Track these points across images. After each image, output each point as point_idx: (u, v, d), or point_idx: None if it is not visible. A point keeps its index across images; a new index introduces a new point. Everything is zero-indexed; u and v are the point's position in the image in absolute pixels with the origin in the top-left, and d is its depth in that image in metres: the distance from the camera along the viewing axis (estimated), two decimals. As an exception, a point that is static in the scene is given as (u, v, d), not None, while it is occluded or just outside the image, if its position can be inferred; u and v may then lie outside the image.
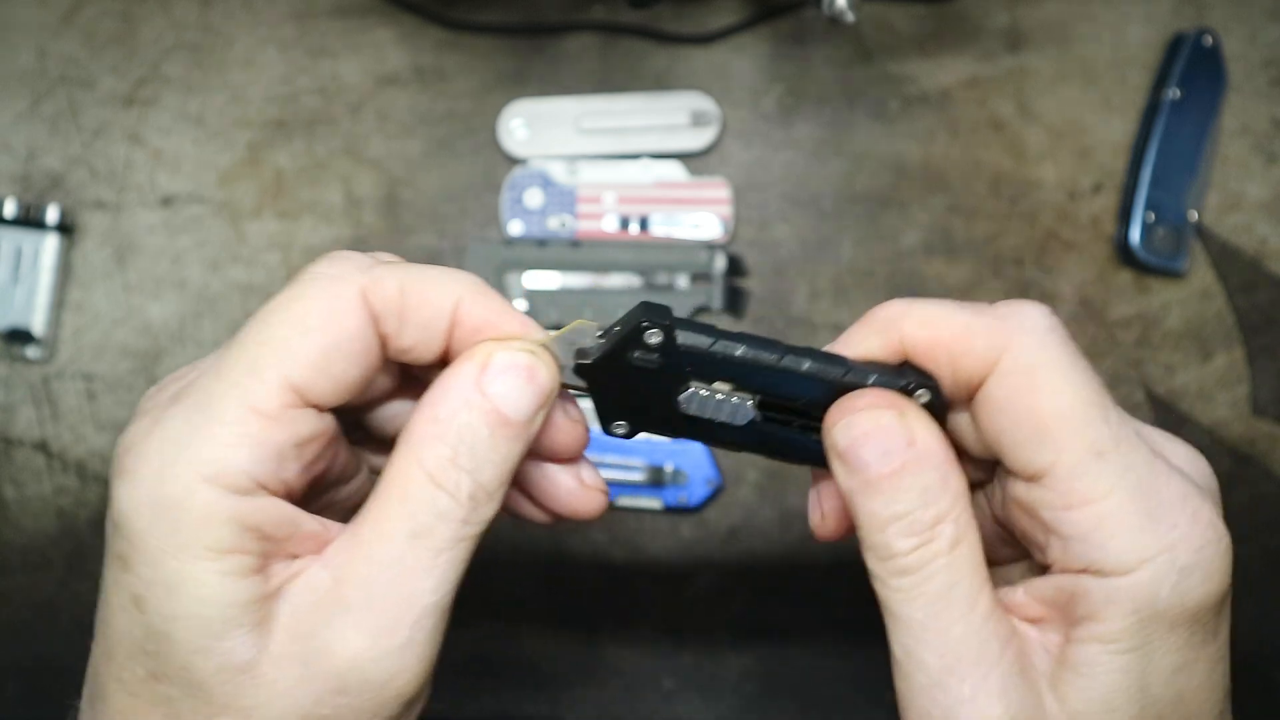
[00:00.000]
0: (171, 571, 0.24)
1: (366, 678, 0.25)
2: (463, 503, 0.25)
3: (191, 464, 0.24)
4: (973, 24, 0.52)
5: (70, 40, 0.53)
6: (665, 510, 0.52)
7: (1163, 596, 0.24)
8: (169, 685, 0.24)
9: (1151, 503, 0.25)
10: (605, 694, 0.52)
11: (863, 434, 0.26)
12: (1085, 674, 0.25)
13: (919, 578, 0.26)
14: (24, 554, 0.52)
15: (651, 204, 0.51)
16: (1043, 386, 0.25)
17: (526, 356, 0.26)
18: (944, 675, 0.25)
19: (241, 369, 0.25)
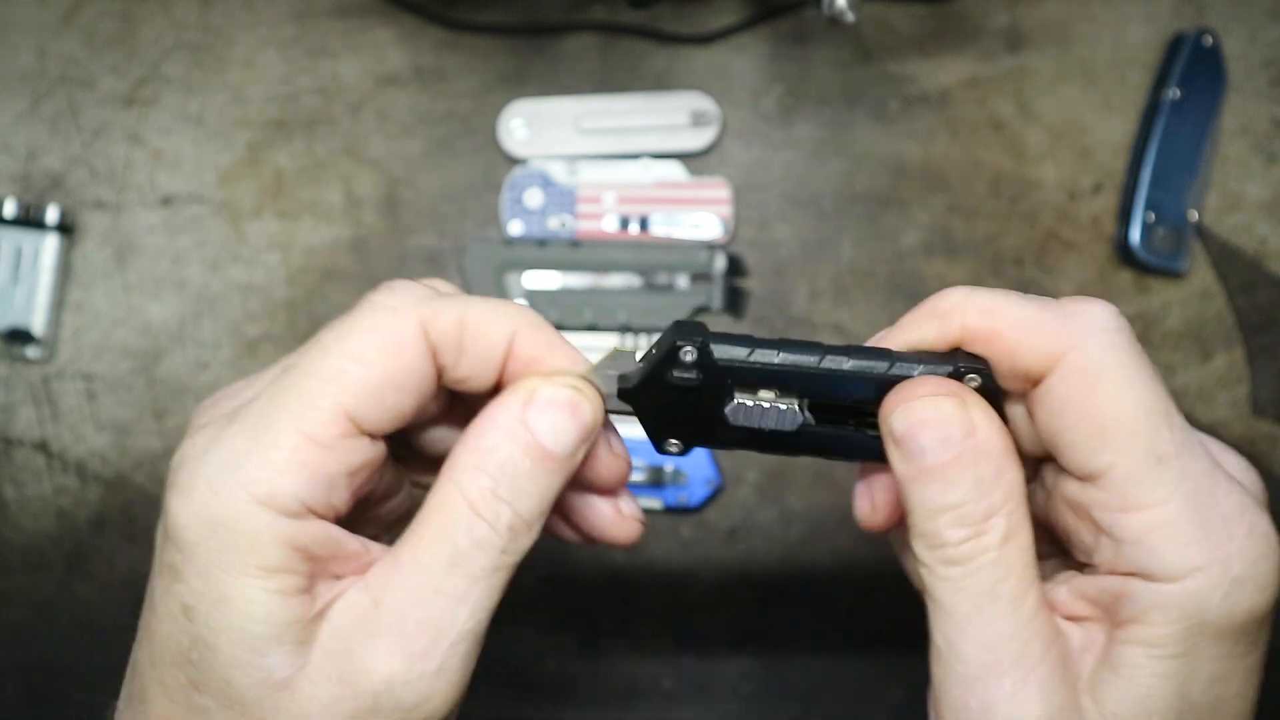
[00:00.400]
0: (222, 586, 0.24)
1: (399, 700, 0.25)
2: (502, 533, 0.26)
3: (245, 485, 0.24)
4: (973, 24, 0.52)
5: (70, 40, 0.53)
6: (665, 510, 0.52)
7: (1213, 606, 0.24)
8: (207, 696, 0.25)
9: (1209, 512, 0.25)
10: (605, 694, 0.52)
11: (921, 421, 0.26)
12: (1126, 676, 0.25)
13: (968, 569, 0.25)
14: (24, 554, 0.52)
15: (651, 204, 0.51)
16: (1108, 388, 0.25)
17: (570, 393, 0.26)
18: (985, 670, 0.25)
19: (299, 396, 0.25)
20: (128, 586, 0.52)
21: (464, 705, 0.51)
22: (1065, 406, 0.25)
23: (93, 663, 0.52)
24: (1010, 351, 0.26)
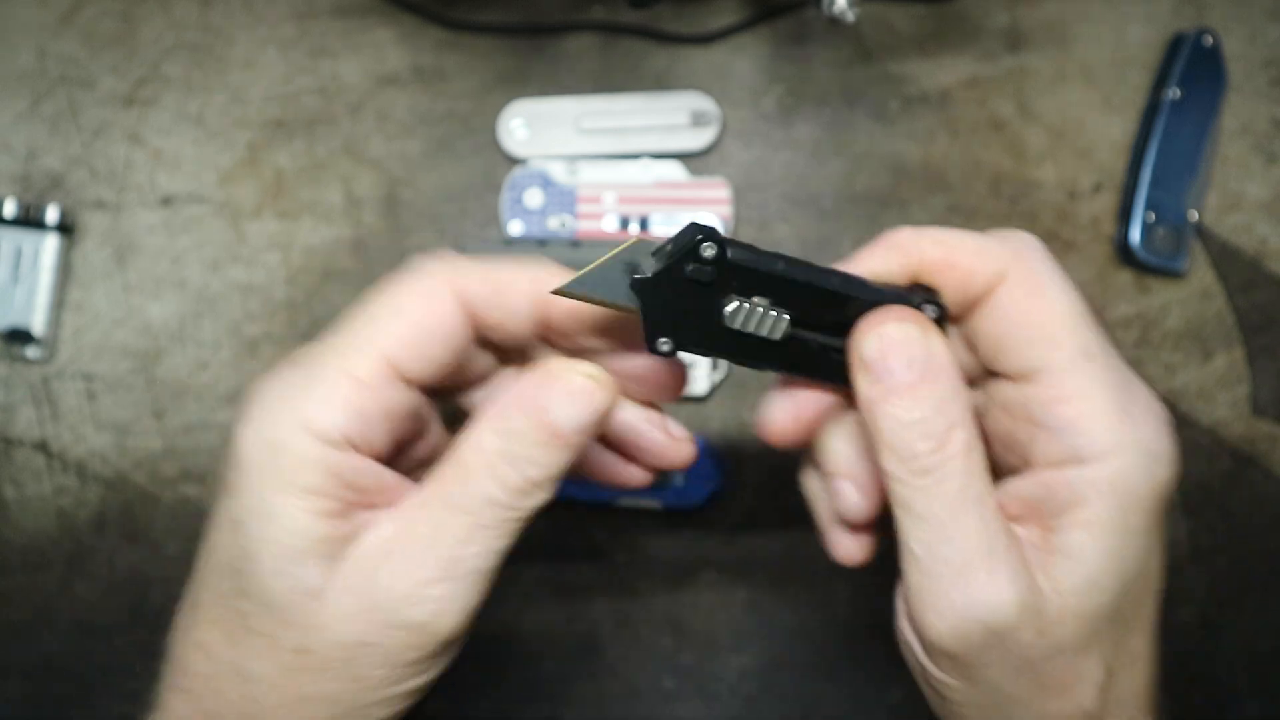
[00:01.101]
0: (268, 502, 0.28)
1: (408, 617, 0.29)
2: (509, 493, 0.29)
3: (295, 414, 0.28)
4: (973, 24, 0.52)
5: (70, 40, 0.53)
6: (665, 510, 0.52)
7: (1136, 480, 0.28)
8: (247, 601, 0.29)
9: (1126, 401, 0.28)
10: (605, 694, 0.52)
11: (891, 344, 0.29)
12: (1074, 557, 0.28)
13: (938, 477, 0.28)
14: (24, 554, 0.52)
15: (651, 204, 0.51)
16: (1048, 294, 0.29)
17: (585, 380, 0.29)
18: (965, 567, 0.28)
19: (346, 342, 0.29)
20: (128, 586, 0.52)
21: (464, 705, 0.51)
22: (1010, 313, 0.29)
23: (93, 663, 0.52)
24: (965, 274, 0.30)
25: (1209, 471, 0.52)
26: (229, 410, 0.52)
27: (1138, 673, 0.30)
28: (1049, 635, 0.28)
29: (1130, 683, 0.30)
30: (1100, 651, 0.29)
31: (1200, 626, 0.52)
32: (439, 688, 0.54)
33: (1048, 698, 0.29)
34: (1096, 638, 0.29)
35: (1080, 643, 0.29)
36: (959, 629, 0.28)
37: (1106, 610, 0.29)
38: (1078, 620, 0.28)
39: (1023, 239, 0.30)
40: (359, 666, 0.29)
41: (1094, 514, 0.28)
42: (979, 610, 0.28)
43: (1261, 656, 0.52)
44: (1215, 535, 0.52)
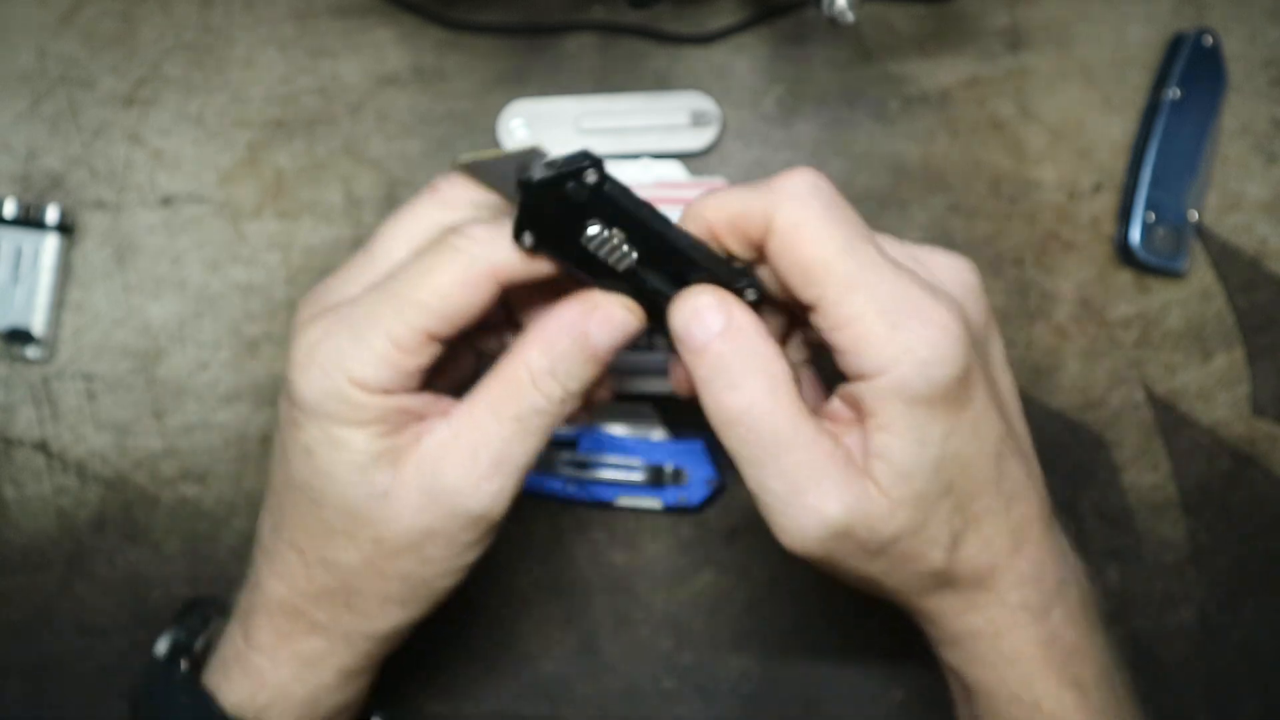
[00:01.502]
0: (333, 433, 0.34)
1: (466, 507, 0.35)
2: (553, 403, 0.35)
3: (347, 372, 0.33)
4: (973, 24, 0.52)
5: (70, 40, 0.53)
6: (665, 510, 0.52)
7: (913, 385, 0.32)
8: (326, 509, 0.35)
9: (894, 317, 0.32)
10: (605, 694, 0.52)
11: (691, 312, 0.34)
12: (883, 456, 0.33)
13: (748, 426, 0.33)
14: (24, 554, 0.52)
15: (652, 204, 0.51)
16: (802, 240, 0.33)
17: (623, 311, 0.35)
18: (790, 495, 0.33)
19: (393, 313, 0.33)
20: (128, 587, 0.52)
21: (464, 705, 0.51)
22: (778, 260, 0.33)
23: (93, 663, 0.52)
24: (741, 230, 0.34)
25: (1209, 472, 0.52)
26: (229, 410, 0.52)
27: (987, 528, 0.34)
28: (882, 528, 0.33)
29: (979, 539, 0.34)
30: (937, 523, 0.34)
31: (1200, 626, 0.52)
32: (439, 687, 0.54)
33: (903, 567, 0.34)
34: (927, 515, 0.33)
35: (913, 524, 0.33)
36: (802, 544, 0.34)
37: (926, 493, 0.33)
38: (901, 508, 0.33)
39: (789, 183, 0.33)
40: (425, 549, 0.35)
41: (887, 419, 0.32)
42: (812, 529, 0.33)
43: (1261, 656, 0.52)
44: (1215, 535, 0.52)
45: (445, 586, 0.37)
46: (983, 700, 0.36)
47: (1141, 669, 0.43)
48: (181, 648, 0.41)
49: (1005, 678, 0.36)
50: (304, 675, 0.38)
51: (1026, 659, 0.35)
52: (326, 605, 0.37)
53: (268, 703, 0.37)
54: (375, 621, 0.37)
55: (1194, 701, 0.52)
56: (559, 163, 0.32)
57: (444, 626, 0.52)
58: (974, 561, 0.35)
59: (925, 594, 0.35)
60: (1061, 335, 0.52)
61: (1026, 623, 0.35)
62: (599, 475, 0.51)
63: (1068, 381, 0.52)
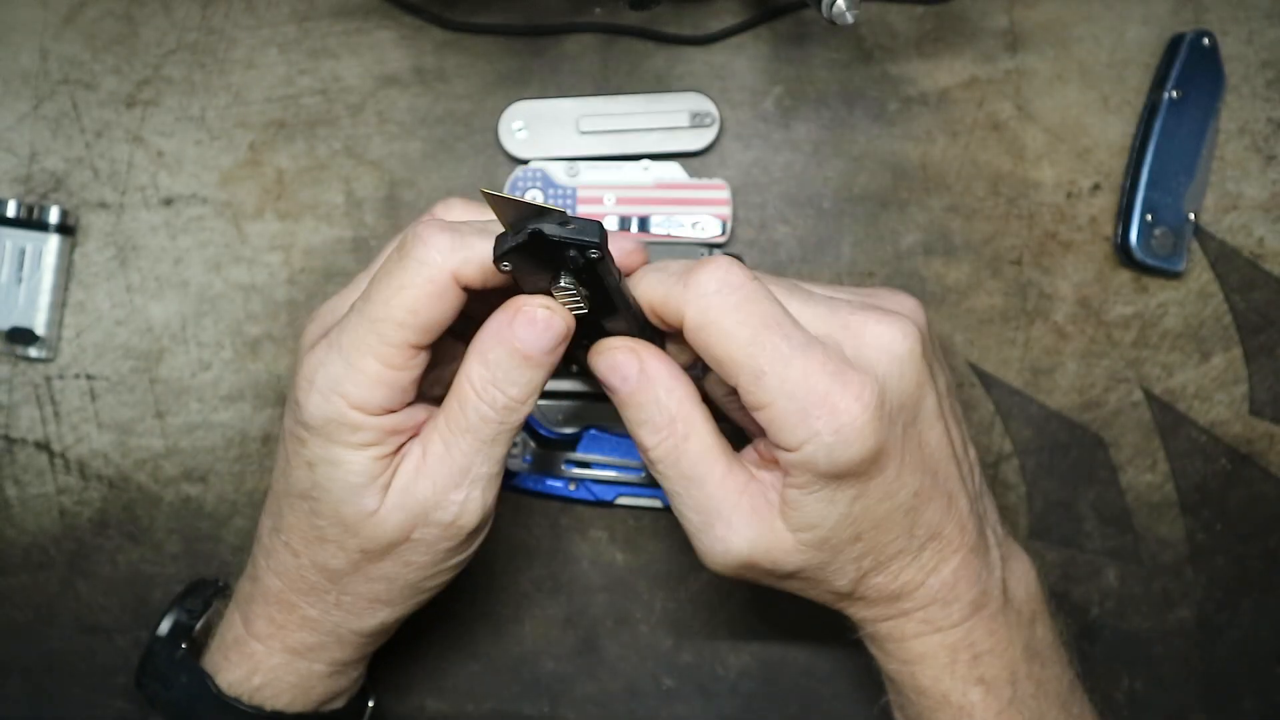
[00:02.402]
0: (334, 453, 0.36)
1: (439, 518, 0.37)
2: (498, 411, 0.36)
3: (345, 397, 0.36)
4: (971, 25, 0.53)
5: (72, 41, 0.53)
6: (665, 510, 0.52)
7: (820, 463, 0.35)
8: (322, 519, 0.38)
9: (803, 403, 0.34)
10: (605, 694, 0.52)
11: (608, 366, 0.37)
12: (796, 506, 0.36)
13: (668, 464, 0.37)
14: (26, 553, 0.52)
15: (651, 205, 0.51)
16: (709, 338, 0.35)
17: (544, 312, 0.35)
18: (702, 525, 0.37)
19: (374, 337, 0.35)
20: (130, 586, 0.52)
21: (464, 705, 0.51)
22: (696, 349, 0.36)
23: (94, 663, 0.52)
24: (661, 316, 0.37)
25: (1207, 471, 0.52)
26: (230, 410, 0.52)
27: (897, 565, 0.38)
28: (785, 561, 0.37)
29: (887, 574, 0.38)
30: (843, 562, 0.37)
31: (1199, 626, 0.52)
32: (440, 687, 0.54)
33: (813, 587, 0.39)
34: (833, 556, 0.37)
35: (817, 562, 0.37)
36: (715, 567, 0.38)
37: (831, 540, 0.37)
38: (808, 548, 0.37)
39: (699, 278, 0.35)
40: (406, 555, 0.38)
41: (798, 480, 0.36)
42: (720, 556, 0.37)
43: (1259, 656, 0.52)
44: (1213, 535, 0.52)
45: (431, 587, 0.40)
46: (899, 689, 0.41)
47: (1140, 668, 0.43)
48: (182, 628, 0.43)
49: (914, 673, 0.40)
50: (296, 664, 0.41)
51: (932, 659, 0.39)
52: (317, 602, 0.40)
53: (262, 684, 0.41)
54: (363, 619, 0.40)
55: (1192, 700, 0.52)
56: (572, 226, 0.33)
57: (444, 626, 0.52)
58: (882, 589, 0.38)
59: (840, 602, 0.40)
60: (1060, 335, 0.52)
61: (930, 632, 0.39)
62: (599, 475, 0.51)
63: (1066, 381, 0.52)
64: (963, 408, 0.52)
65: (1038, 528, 0.52)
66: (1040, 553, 0.52)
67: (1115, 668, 0.52)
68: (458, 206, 0.40)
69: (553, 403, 0.51)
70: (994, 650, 0.39)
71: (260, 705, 0.41)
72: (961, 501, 0.39)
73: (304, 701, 0.42)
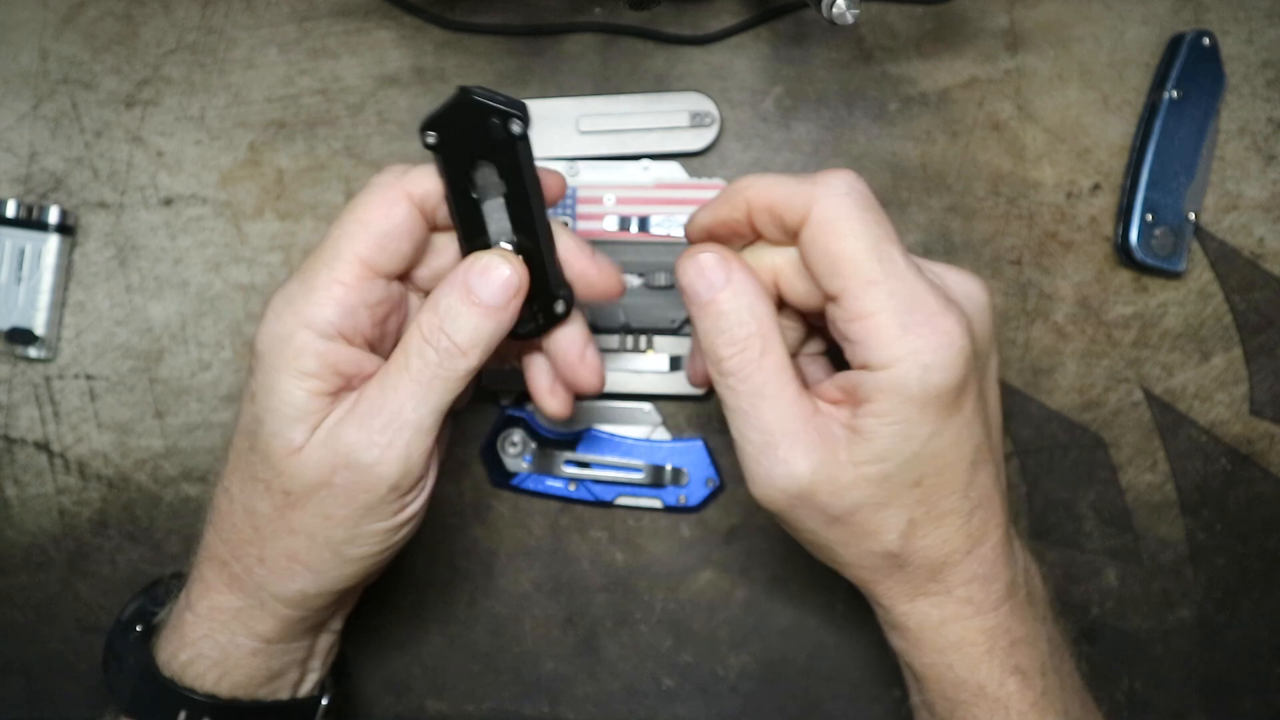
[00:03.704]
0: (274, 380, 0.36)
1: (359, 459, 0.36)
2: (440, 353, 0.36)
3: (296, 315, 0.36)
4: (971, 25, 0.53)
5: (72, 41, 0.53)
6: (665, 510, 0.52)
7: (912, 384, 0.34)
8: (255, 455, 0.37)
9: (907, 319, 0.34)
10: (605, 694, 0.52)
11: (696, 270, 0.37)
12: (867, 437, 0.35)
13: (739, 378, 0.36)
14: (25, 553, 0.52)
15: (651, 205, 0.51)
16: (833, 235, 0.35)
17: (501, 262, 0.37)
18: (764, 446, 0.36)
19: (329, 252, 0.36)
20: (129, 586, 0.52)
21: (464, 705, 0.51)
22: (810, 249, 0.36)
23: (94, 662, 0.52)
24: (779, 214, 0.36)
25: (1207, 471, 0.52)
26: (230, 410, 0.52)
27: (947, 527, 0.37)
28: (844, 496, 0.36)
29: (937, 534, 0.37)
30: (897, 507, 0.36)
31: (1199, 626, 0.52)
32: (439, 687, 0.54)
33: (859, 541, 0.37)
34: (890, 497, 0.36)
35: (873, 501, 0.36)
36: (768, 494, 0.37)
37: (894, 478, 0.35)
38: (867, 484, 0.36)
39: (829, 181, 0.36)
40: (325, 505, 0.37)
41: (880, 407, 0.35)
42: (779, 480, 0.36)
43: (1259, 655, 0.52)
44: (1213, 535, 0.52)
45: (355, 557, 0.38)
46: (931, 685, 0.39)
47: (1140, 668, 0.43)
48: (142, 614, 0.43)
49: (951, 663, 0.38)
50: (216, 632, 0.40)
51: (970, 645, 0.38)
52: (243, 556, 0.39)
53: (188, 660, 0.40)
54: (283, 581, 0.39)
55: (1192, 701, 0.52)
56: (500, 97, 0.35)
57: (444, 626, 0.52)
58: (928, 553, 0.37)
59: (877, 573, 0.38)
60: (1060, 335, 0.52)
61: (970, 615, 0.38)
62: (599, 475, 0.51)
63: (1066, 381, 0.52)
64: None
65: (1038, 528, 0.52)
66: (1040, 553, 0.52)
67: (1115, 668, 0.52)
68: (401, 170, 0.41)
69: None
70: (1027, 639, 0.39)
71: (191, 686, 0.40)
72: (1002, 478, 0.39)
73: (232, 682, 0.40)
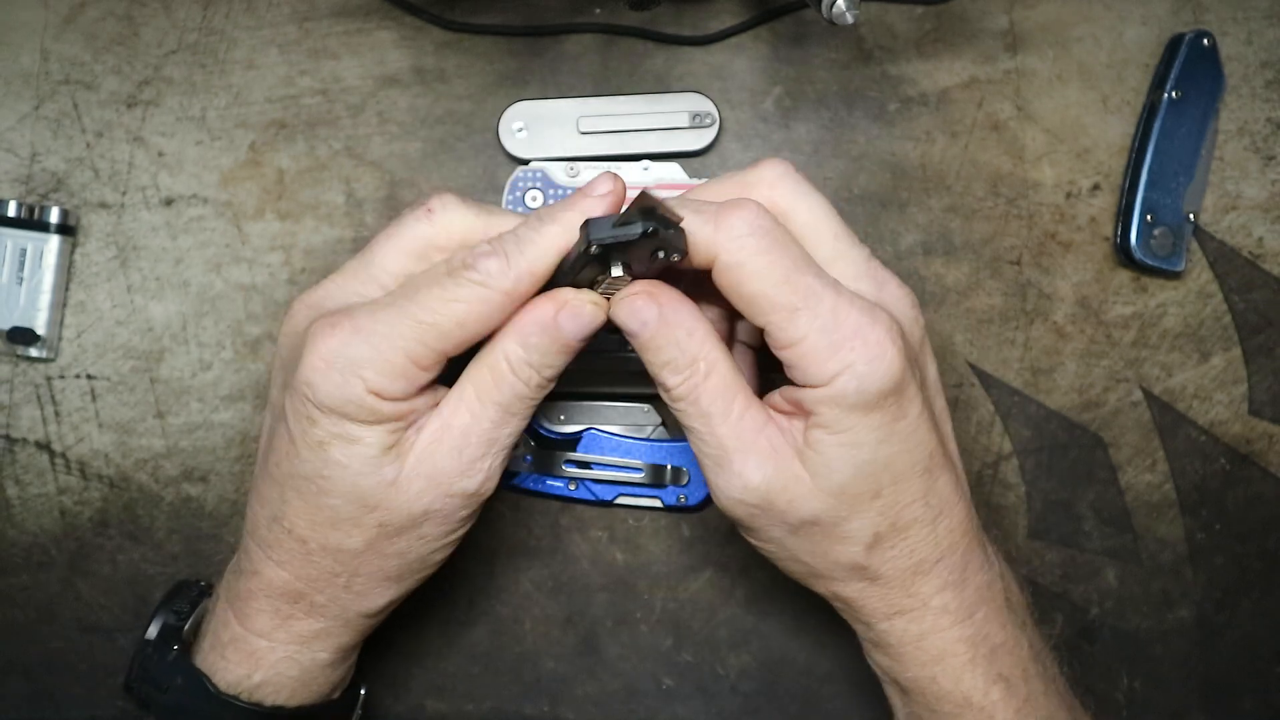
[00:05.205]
0: (349, 430, 0.37)
1: (463, 488, 0.38)
2: (531, 388, 0.38)
3: (367, 383, 0.36)
4: (971, 25, 0.53)
5: (73, 42, 0.53)
6: (665, 510, 0.52)
7: (850, 395, 0.35)
8: (334, 498, 0.38)
9: (834, 336, 0.35)
10: (605, 694, 0.52)
11: (628, 311, 0.37)
12: (817, 449, 0.36)
13: (688, 401, 0.37)
14: (26, 553, 0.52)
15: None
16: (743, 278, 0.36)
17: (590, 306, 0.37)
18: (719, 460, 0.37)
19: (411, 334, 0.36)
20: (130, 586, 0.52)
21: (464, 705, 0.51)
22: (727, 291, 0.37)
23: (95, 662, 0.52)
24: (692, 250, 0.36)
25: (1206, 471, 0.52)
26: (231, 410, 0.52)
27: (913, 537, 0.38)
28: (801, 505, 0.37)
29: (904, 545, 0.38)
30: (859, 520, 0.37)
31: (1198, 626, 0.52)
32: (439, 688, 0.54)
33: (824, 551, 0.38)
34: (850, 510, 0.37)
35: (833, 513, 0.37)
36: (728, 505, 0.38)
37: (851, 488, 0.37)
38: (827, 495, 0.37)
39: (731, 220, 0.36)
40: (424, 528, 0.39)
41: (824, 419, 0.36)
42: (736, 491, 0.37)
43: (1259, 655, 0.52)
44: (1212, 535, 0.52)
45: (436, 561, 0.41)
46: (916, 699, 0.40)
47: (1140, 668, 0.43)
48: (171, 631, 0.43)
49: (935, 676, 0.39)
50: (300, 655, 0.41)
51: (952, 656, 0.39)
52: (327, 588, 0.40)
53: (262, 681, 0.40)
54: (372, 599, 0.41)
55: (1192, 700, 0.52)
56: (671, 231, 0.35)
57: (444, 626, 0.52)
58: (897, 563, 0.38)
59: (849, 587, 0.39)
60: (1059, 335, 0.52)
61: (949, 625, 0.39)
62: (599, 475, 0.51)
63: (1065, 381, 0.52)
64: (963, 407, 0.52)
65: (1037, 528, 0.52)
66: (1040, 553, 0.52)
67: (1115, 668, 0.52)
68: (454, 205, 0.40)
69: (553, 403, 0.51)
70: (1006, 645, 0.39)
71: (260, 701, 0.40)
72: (963, 483, 0.40)
73: (304, 695, 0.41)
